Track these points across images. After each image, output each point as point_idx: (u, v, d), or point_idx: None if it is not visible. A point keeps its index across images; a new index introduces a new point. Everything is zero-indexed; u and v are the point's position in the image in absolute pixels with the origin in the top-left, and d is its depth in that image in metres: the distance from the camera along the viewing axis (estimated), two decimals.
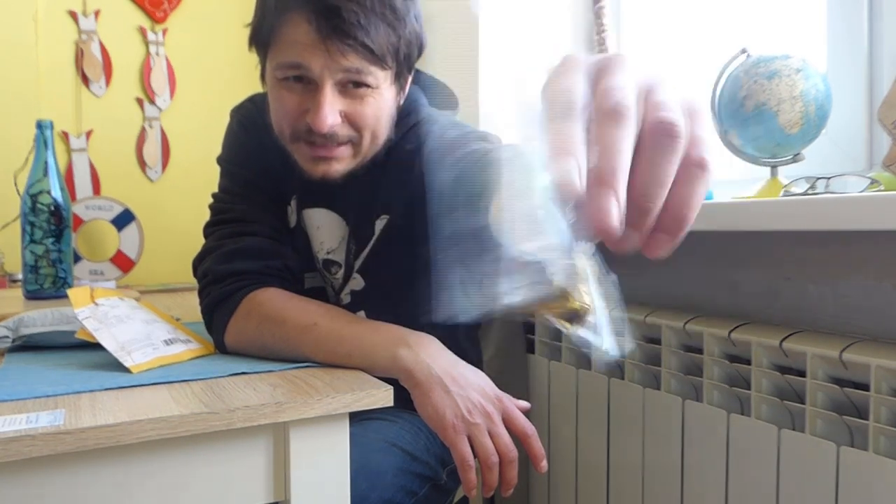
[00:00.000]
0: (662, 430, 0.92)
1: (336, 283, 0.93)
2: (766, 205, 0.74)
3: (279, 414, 0.59)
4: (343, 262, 0.91)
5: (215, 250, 0.84)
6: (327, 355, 0.73)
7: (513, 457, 0.70)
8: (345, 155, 0.80)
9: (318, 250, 0.92)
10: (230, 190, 0.91)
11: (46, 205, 1.25)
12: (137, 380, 0.65)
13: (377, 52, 0.74)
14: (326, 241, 0.91)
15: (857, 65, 0.93)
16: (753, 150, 0.89)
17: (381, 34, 0.74)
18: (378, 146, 0.83)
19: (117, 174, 1.75)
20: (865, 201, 0.64)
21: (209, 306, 0.82)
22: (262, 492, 0.62)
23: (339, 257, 0.91)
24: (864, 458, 0.69)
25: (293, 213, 0.91)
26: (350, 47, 0.73)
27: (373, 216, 0.87)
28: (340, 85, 0.76)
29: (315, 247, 0.92)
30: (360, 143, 0.80)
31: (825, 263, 0.83)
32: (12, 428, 0.51)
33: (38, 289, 1.26)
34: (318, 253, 0.92)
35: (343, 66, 0.74)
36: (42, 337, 0.81)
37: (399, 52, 0.77)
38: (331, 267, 0.92)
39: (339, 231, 0.90)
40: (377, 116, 0.79)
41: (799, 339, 0.76)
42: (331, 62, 0.74)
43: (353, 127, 0.79)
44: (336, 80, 0.75)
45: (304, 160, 0.81)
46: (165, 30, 1.79)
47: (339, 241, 0.90)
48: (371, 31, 0.73)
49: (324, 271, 0.93)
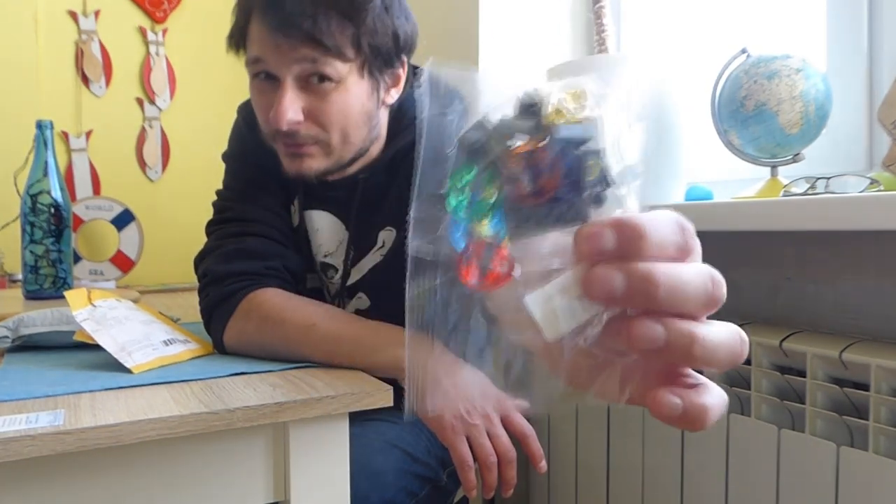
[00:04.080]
0: (662, 431, 0.92)
1: (332, 288, 0.93)
2: (766, 205, 0.74)
3: (279, 414, 0.59)
4: (340, 267, 0.91)
5: (215, 250, 0.84)
6: (327, 355, 0.73)
7: (511, 457, 0.70)
8: (316, 153, 0.79)
9: (316, 252, 0.92)
10: (233, 188, 0.91)
11: (46, 205, 1.25)
12: (137, 380, 0.65)
13: (328, 43, 0.73)
14: (324, 245, 0.91)
15: (857, 65, 0.93)
16: (753, 150, 0.89)
17: (333, 24, 0.73)
18: (355, 145, 0.81)
19: (117, 174, 1.75)
20: (865, 201, 0.64)
21: (208, 307, 0.81)
22: (262, 492, 0.62)
23: (336, 261, 0.91)
24: (864, 458, 0.68)
25: (296, 212, 0.91)
26: (297, 38, 0.72)
27: (376, 225, 0.86)
28: (302, 80, 0.75)
29: (313, 249, 0.92)
30: (330, 143, 0.79)
31: (825, 263, 0.83)
32: (12, 428, 0.51)
33: (38, 289, 1.26)
34: (316, 255, 0.92)
35: (294, 58, 0.74)
36: (42, 337, 0.81)
37: (361, 43, 0.75)
38: (327, 270, 0.92)
39: (337, 235, 0.90)
40: (344, 113, 0.77)
41: (799, 339, 0.76)
42: (283, 56, 0.74)
43: (318, 125, 0.77)
44: (294, 74, 0.75)
45: (282, 157, 0.81)
46: (165, 30, 1.79)
47: (337, 245, 0.90)
48: (319, 21, 0.72)
49: (321, 274, 0.93)
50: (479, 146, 0.29)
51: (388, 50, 0.78)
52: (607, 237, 0.25)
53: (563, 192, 0.27)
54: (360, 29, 0.74)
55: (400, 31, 0.79)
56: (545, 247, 0.28)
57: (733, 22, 1.14)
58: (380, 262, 0.88)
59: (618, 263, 0.25)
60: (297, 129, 0.76)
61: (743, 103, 0.86)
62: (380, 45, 0.77)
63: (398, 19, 0.78)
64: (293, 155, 0.79)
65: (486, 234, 0.29)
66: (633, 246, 0.25)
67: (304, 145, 0.78)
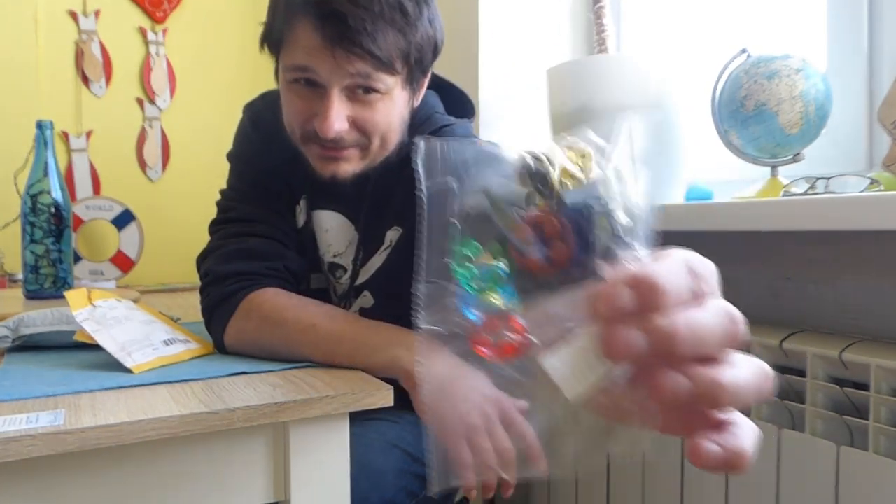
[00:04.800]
0: None
1: (340, 288, 0.93)
2: (766, 205, 0.74)
3: (279, 414, 0.59)
4: (349, 268, 0.91)
5: (217, 250, 0.85)
6: (327, 355, 0.73)
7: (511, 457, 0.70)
8: (353, 156, 0.80)
9: (325, 253, 0.92)
10: (238, 187, 0.91)
11: (46, 205, 1.25)
12: (137, 380, 0.65)
13: (384, 59, 0.73)
14: (333, 245, 0.91)
15: (857, 65, 0.93)
16: (753, 150, 0.89)
17: (390, 40, 0.73)
18: (389, 150, 0.82)
19: (117, 174, 1.75)
20: (865, 201, 0.64)
21: (209, 307, 0.82)
22: (262, 492, 0.62)
23: (345, 262, 0.91)
24: (864, 458, 0.68)
25: (302, 212, 0.91)
26: (356, 54, 0.72)
27: (384, 225, 0.86)
28: (349, 90, 0.76)
29: (322, 249, 0.92)
30: (370, 147, 0.80)
31: (825, 263, 0.83)
32: (12, 428, 0.51)
33: (39, 289, 1.26)
34: (325, 255, 0.92)
35: (349, 73, 0.74)
36: (42, 337, 0.81)
37: (409, 57, 0.76)
38: (336, 271, 0.92)
39: (347, 236, 0.90)
40: (387, 122, 0.79)
41: (799, 339, 0.76)
42: (337, 68, 0.73)
43: (362, 132, 0.79)
44: (343, 85, 0.75)
45: (315, 160, 0.81)
46: (165, 30, 1.79)
47: (346, 245, 0.90)
48: (378, 38, 0.72)
49: (329, 274, 0.93)
50: (484, 216, 0.29)
51: (428, 61, 0.80)
52: (624, 296, 0.25)
53: (576, 257, 0.27)
54: (410, 45, 0.75)
55: (438, 42, 0.81)
56: (558, 307, 0.28)
57: (733, 22, 1.14)
58: (386, 261, 0.88)
59: (636, 321, 0.25)
60: (341, 136, 0.77)
61: (743, 103, 0.86)
62: (423, 58, 0.79)
63: (438, 31, 0.80)
64: (330, 158, 0.80)
65: (498, 306, 0.28)
66: (651, 302, 0.25)
67: (344, 149, 0.79)
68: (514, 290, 0.28)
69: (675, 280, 0.26)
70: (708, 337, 0.25)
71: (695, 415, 0.28)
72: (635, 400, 0.28)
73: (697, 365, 0.26)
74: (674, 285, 0.25)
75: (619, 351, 0.25)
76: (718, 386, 0.25)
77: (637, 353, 0.25)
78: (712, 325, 0.26)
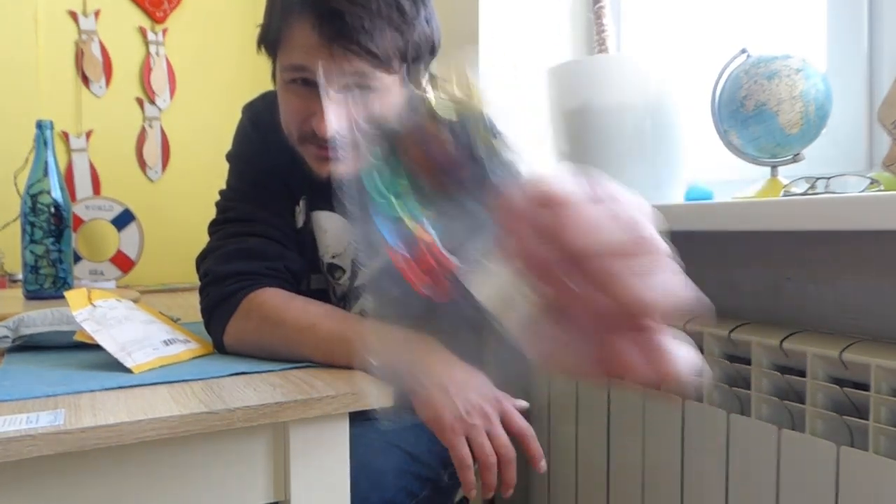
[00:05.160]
0: (662, 431, 0.92)
1: (339, 289, 0.93)
2: (766, 205, 0.74)
3: (279, 414, 0.59)
4: (349, 269, 0.91)
5: (217, 250, 0.85)
6: (326, 355, 0.73)
7: (511, 457, 0.70)
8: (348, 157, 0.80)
9: (324, 253, 0.92)
10: (237, 188, 0.91)
11: (46, 205, 1.25)
12: (137, 380, 0.65)
13: (382, 57, 0.73)
14: (332, 246, 0.91)
15: (857, 65, 0.93)
16: (753, 150, 0.89)
17: (387, 38, 0.73)
18: None
19: (117, 174, 1.75)
20: (865, 201, 0.64)
21: (209, 307, 0.82)
22: (262, 492, 0.62)
23: (344, 263, 0.91)
24: (864, 458, 0.68)
25: (301, 213, 0.91)
26: (353, 52, 0.72)
27: None
28: (346, 88, 0.76)
29: (320, 250, 0.92)
30: None
31: (825, 263, 0.83)
32: (12, 428, 0.51)
33: (38, 289, 1.26)
34: (323, 256, 0.92)
35: (347, 71, 0.74)
36: (42, 337, 0.81)
37: (407, 56, 0.76)
38: (335, 272, 0.92)
39: (346, 236, 0.90)
40: None
41: (799, 339, 0.76)
42: (334, 66, 0.73)
43: None
44: (341, 84, 0.75)
45: (312, 160, 0.81)
46: (165, 30, 1.79)
47: (345, 246, 0.90)
48: (376, 36, 0.72)
49: (327, 275, 0.93)
50: (382, 135, 0.31)
51: (425, 60, 0.80)
52: (516, 196, 0.27)
53: (460, 158, 0.29)
54: (408, 43, 0.75)
55: (435, 41, 0.81)
56: (477, 245, 0.30)
57: (733, 22, 1.14)
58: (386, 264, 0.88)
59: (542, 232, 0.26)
60: None
61: (743, 103, 0.86)
62: (420, 57, 0.79)
63: (435, 31, 0.80)
64: (326, 158, 0.80)
65: (424, 237, 0.30)
66: (545, 201, 0.27)
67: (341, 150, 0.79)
68: (415, 203, 0.30)
69: (572, 186, 0.27)
70: (601, 229, 0.26)
71: (624, 339, 0.28)
72: (570, 327, 0.28)
73: (613, 277, 0.26)
74: (571, 189, 0.27)
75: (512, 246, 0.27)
76: (630, 285, 0.26)
77: (536, 252, 0.26)
78: (605, 217, 0.26)
